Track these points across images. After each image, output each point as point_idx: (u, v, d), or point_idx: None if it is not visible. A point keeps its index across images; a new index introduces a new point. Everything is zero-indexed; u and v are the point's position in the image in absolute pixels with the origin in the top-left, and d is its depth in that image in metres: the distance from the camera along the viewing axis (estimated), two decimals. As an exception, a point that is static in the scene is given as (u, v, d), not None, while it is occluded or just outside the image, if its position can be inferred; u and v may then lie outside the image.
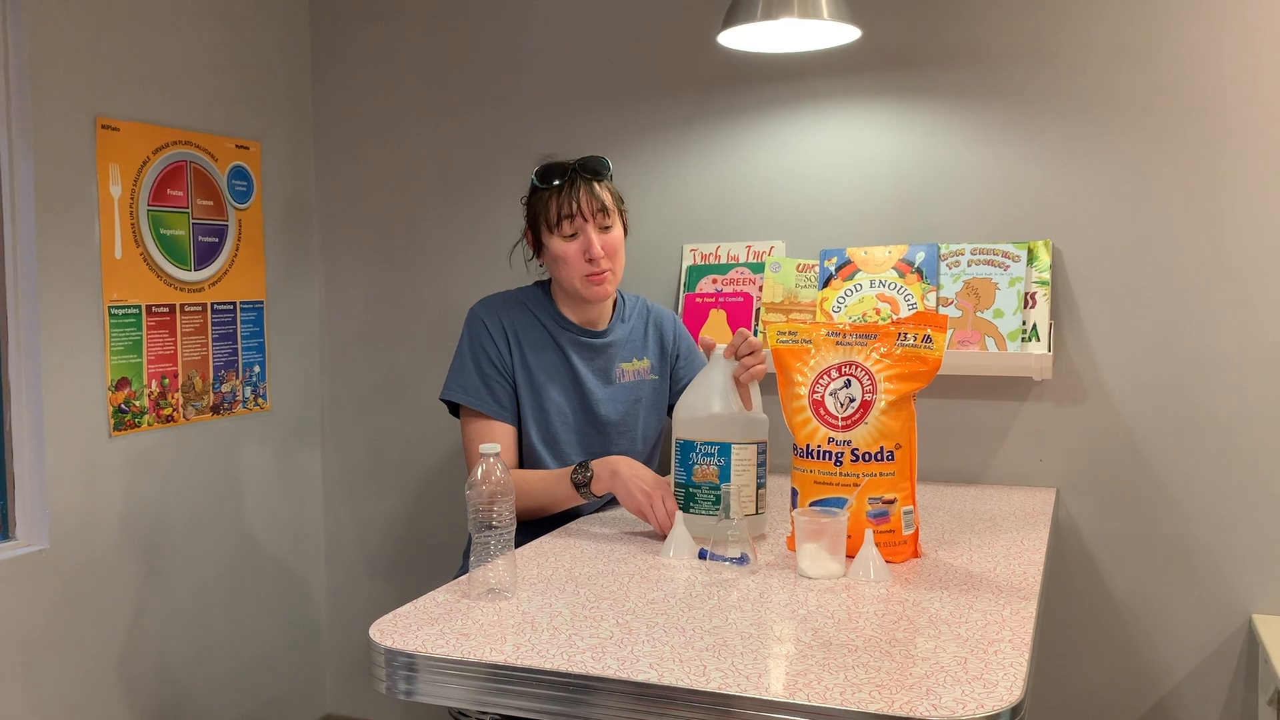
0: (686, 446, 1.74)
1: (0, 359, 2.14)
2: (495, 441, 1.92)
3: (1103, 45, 2.16)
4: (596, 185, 1.96)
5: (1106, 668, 2.23)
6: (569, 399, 2.01)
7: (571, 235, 1.95)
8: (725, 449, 1.71)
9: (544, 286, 2.09)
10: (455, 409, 2.02)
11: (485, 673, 1.24)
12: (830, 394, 1.65)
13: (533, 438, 1.98)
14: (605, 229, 1.96)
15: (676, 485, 1.76)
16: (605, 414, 2.03)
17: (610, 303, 2.09)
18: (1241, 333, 2.10)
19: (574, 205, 1.93)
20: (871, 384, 1.63)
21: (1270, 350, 2.09)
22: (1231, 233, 2.10)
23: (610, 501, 2.08)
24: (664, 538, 1.73)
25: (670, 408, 2.16)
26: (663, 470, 2.40)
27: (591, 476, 1.83)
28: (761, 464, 1.75)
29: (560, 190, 1.94)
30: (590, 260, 1.94)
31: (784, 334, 1.72)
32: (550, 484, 1.89)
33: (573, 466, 1.86)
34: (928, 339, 1.63)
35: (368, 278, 2.80)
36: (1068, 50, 2.18)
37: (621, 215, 2.02)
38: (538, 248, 2.02)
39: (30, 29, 2.09)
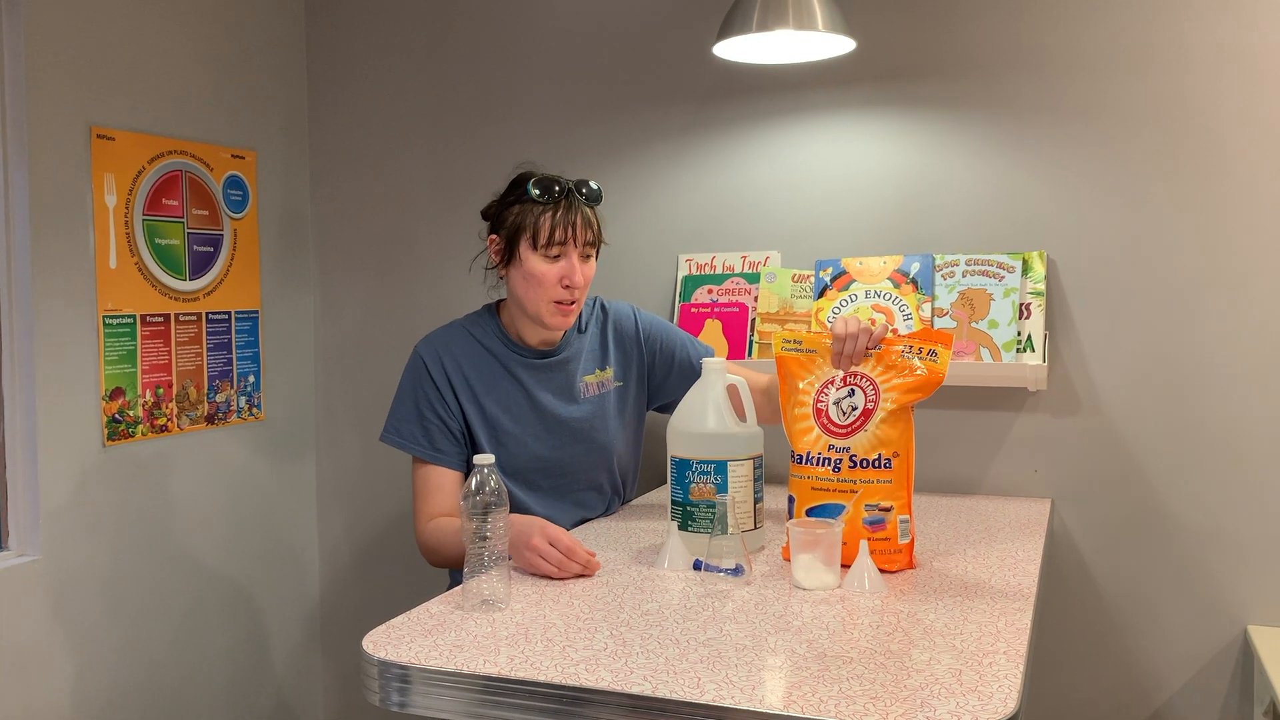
0: (682, 465, 1.73)
1: (-6, 368, 2.14)
2: (439, 486, 1.88)
3: (1096, 56, 2.16)
4: (589, 211, 1.89)
5: (1102, 679, 2.23)
6: (529, 428, 1.94)
7: (556, 258, 1.86)
8: (722, 467, 1.70)
9: (492, 309, 2.01)
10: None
11: (479, 684, 1.24)
12: (834, 403, 1.65)
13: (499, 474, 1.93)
14: (586, 258, 1.90)
15: (673, 504, 1.75)
16: (573, 433, 1.97)
17: None
18: (1236, 343, 2.11)
19: (569, 229, 1.85)
20: (875, 393, 1.63)
21: (1265, 360, 2.09)
22: (1226, 243, 2.10)
23: (604, 513, 2.08)
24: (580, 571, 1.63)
25: (660, 405, 2.13)
26: (659, 480, 2.40)
27: None
28: (758, 478, 1.75)
29: (556, 208, 1.85)
30: (567, 288, 1.86)
31: (789, 342, 1.72)
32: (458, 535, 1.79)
33: None
34: (933, 353, 1.63)
35: (363, 288, 2.80)
36: (1062, 61, 2.19)
37: (598, 247, 1.94)
38: (507, 259, 1.91)
39: (25, 37, 2.09)
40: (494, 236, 1.94)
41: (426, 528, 1.87)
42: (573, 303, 1.89)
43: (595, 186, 1.91)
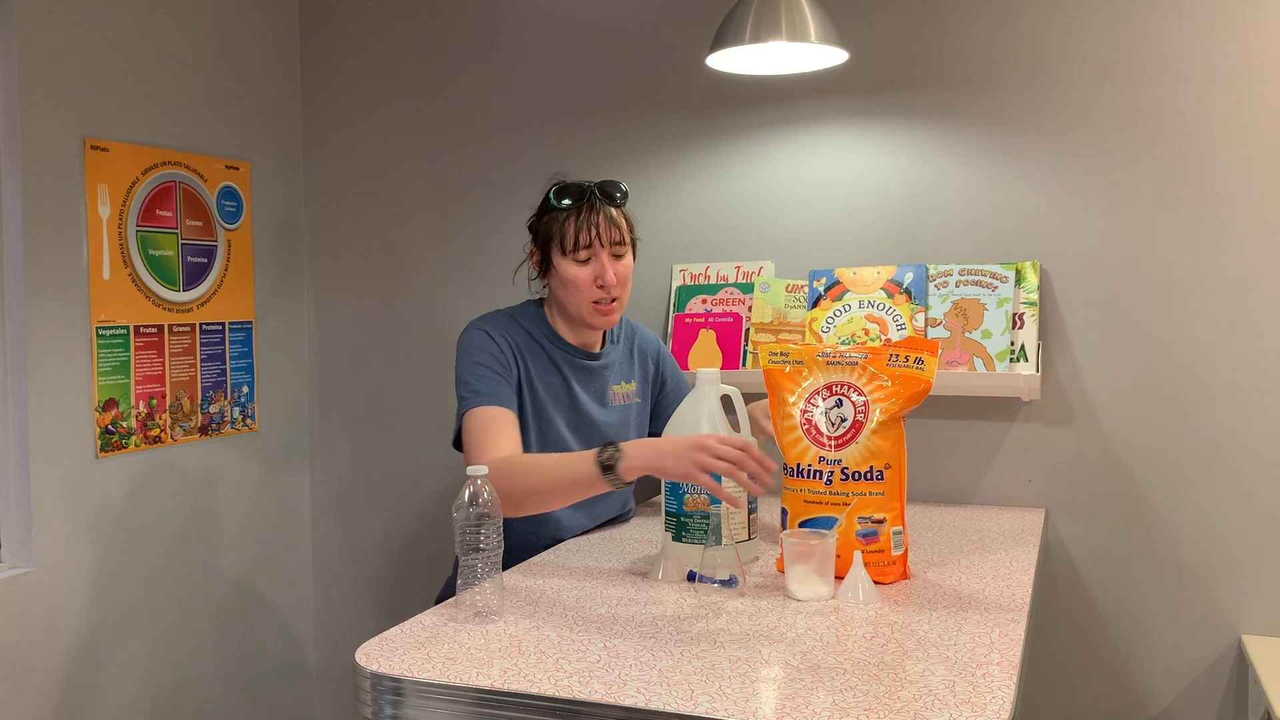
0: None
1: (-14, 380, 2.13)
2: (511, 423, 1.80)
3: (1089, 66, 2.17)
4: (614, 211, 1.91)
5: (1096, 688, 2.23)
6: (570, 424, 1.95)
7: (585, 261, 1.89)
8: (715, 476, 1.69)
9: (537, 304, 2.03)
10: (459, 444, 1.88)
11: (472, 697, 1.23)
12: (822, 414, 1.65)
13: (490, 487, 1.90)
14: (618, 257, 1.91)
15: (667, 514, 1.74)
16: (603, 436, 1.97)
17: None
18: (1229, 352, 2.11)
19: (592, 231, 1.87)
20: (864, 404, 1.63)
21: (1258, 369, 2.10)
22: (1219, 253, 2.11)
23: (608, 523, 2.07)
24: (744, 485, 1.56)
25: (652, 434, 2.14)
26: (651, 493, 2.40)
27: (620, 456, 1.61)
28: None
29: (579, 213, 1.88)
30: (602, 287, 1.89)
31: (775, 354, 1.72)
32: (567, 463, 1.67)
33: (597, 448, 1.64)
34: (919, 361, 1.63)
35: (357, 298, 2.80)
36: (1054, 72, 2.19)
37: (633, 244, 1.96)
38: (545, 268, 1.96)
39: (19, 49, 2.10)
40: (534, 248, 1.98)
41: (507, 456, 1.75)
42: (613, 300, 1.91)
43: (617, 187, 1.93)
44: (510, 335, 1.92)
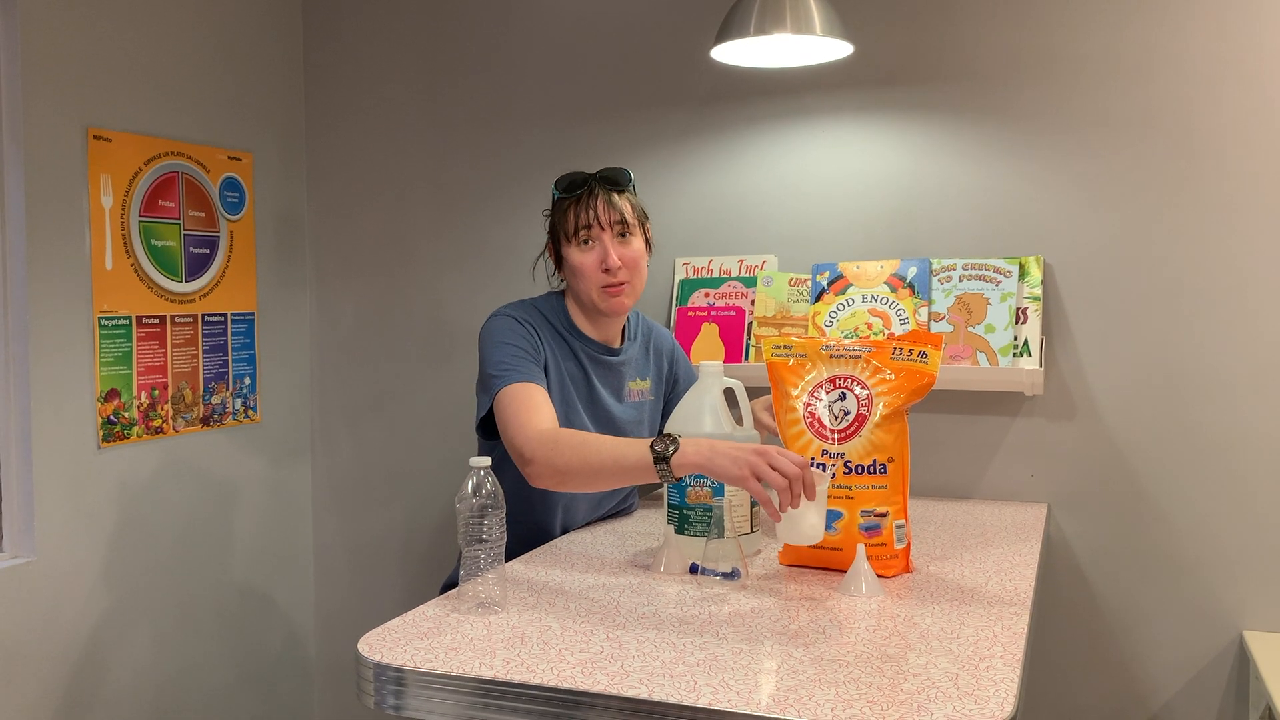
0: None
1: (-11, 370, 2.13)
2: (546, 401, 1.77)
3: (1094, 62, 2.17)
4: (616, 196, 1.91)
5: (1098, 683, 2.23)
6: (584, 411, 1.95)
7: (588, 244, 1.89)
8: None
9: (559, 296, 2.02)
10: (484, 427, 1.86)
11: (474, 687, 1.23)
12: (825, 407, 1.65)
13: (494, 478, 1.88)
14: (622, 239, 1.90)
15: (670, 507, 1.74)
16: (618, 431, 1.97)
17: (622, 320, 2.03)
18: (1232, 348, 2.11)
19: (591, 215, 1.87)
20: (867, 397, 1.63)
21: (1261, 366, 2.09)
22: (1222, 249, 2.11)
23: (610, 515, 2.07)
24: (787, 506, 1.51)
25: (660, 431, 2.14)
26: (653, 485, 2.39)
27: (675, 449, 1.55)
28: None
29: (579, 200, 1.90)
30: (607, 271, 1.88)
31: (779, 348, 1.72)
32: (620, 446, 1.62)
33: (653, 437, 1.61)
34: (923, 355, 1.63)
35: (359, 290, 2.80)
36: (1060, 67, 2.19)
37: (644, 229, 1.95)
38: (558, 260, 1.96)
39: (22, 39, 2.09)
40: (549, 243, 1.99)
41: (556, 429, 1.71)
42: (621, 284, 1.90)
43: (620, 173, 1.92)
44: (535, 322, 1.92)
